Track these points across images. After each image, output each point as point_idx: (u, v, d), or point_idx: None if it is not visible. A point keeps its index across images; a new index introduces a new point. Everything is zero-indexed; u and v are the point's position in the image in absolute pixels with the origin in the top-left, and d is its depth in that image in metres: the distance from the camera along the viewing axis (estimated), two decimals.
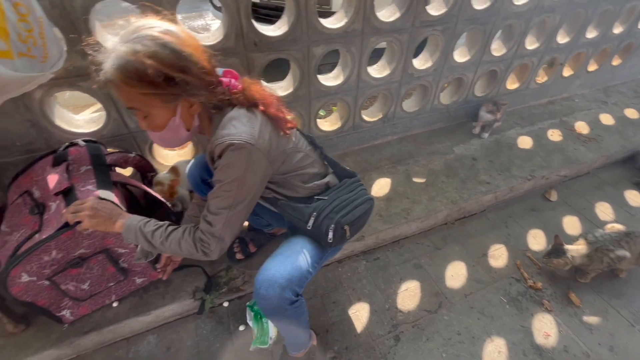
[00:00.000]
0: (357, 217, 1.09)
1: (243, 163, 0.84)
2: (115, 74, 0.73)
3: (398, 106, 1.97)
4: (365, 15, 1.47)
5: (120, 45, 0.73)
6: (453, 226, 1.81)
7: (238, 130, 0.84)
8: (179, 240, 0.91)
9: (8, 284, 0.99)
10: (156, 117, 0.83)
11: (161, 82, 0.75)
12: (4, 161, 1.29)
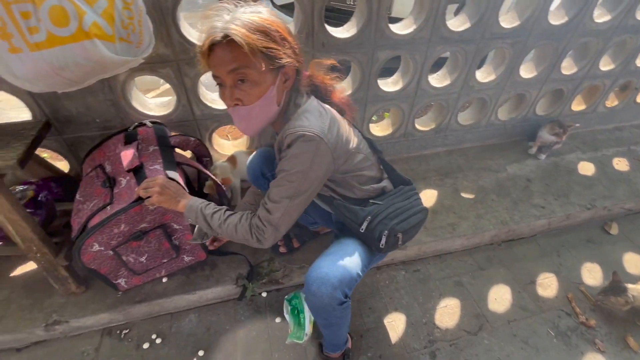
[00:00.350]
0: (411, 226, 1.08)
1: (310, 155, 0.87)
2: (239, 28, 0.77)
3: (453, 118, 1.91)
4: (435, 24, 1.45)
5: (241, 14, 0.80)
6: (499, 247, 1.73)
7: (310, 123, 0.87)
8: (236, 224, 0.95)
9: (81, 252, 1.08)
10: (258, 83, 0.83)
11: (279, 40, 0.81)
12: (83, 135, 1.40)
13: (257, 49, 0.78)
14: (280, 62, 0.83)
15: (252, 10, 0.81)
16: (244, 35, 0.76)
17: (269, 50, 0.80)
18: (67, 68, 0.91)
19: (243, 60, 0.79)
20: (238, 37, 0.76)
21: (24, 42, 0.85)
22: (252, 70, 0.81)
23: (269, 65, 0.82)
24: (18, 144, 1.07)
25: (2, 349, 1.29)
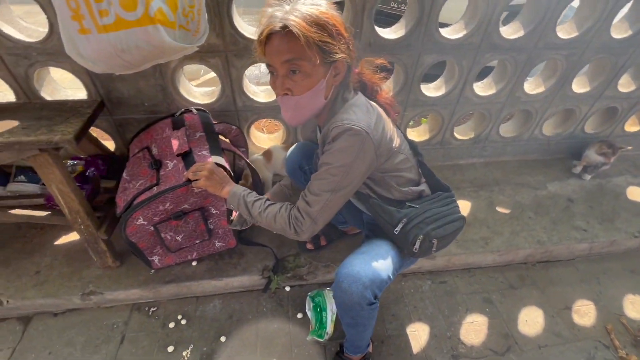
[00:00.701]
0: (447, 234, 1.05)
1: (355, 149, 0.87)
2: (298, 20, 0.78)
3: (494, 129, 1.85)
4: (487, 30, 1.40)
5: (301, 5, 0.81)
6: (533, 268, 1.65)
7: (358, 117, 0.88)
8: (275, 214, 0.96)
9: (127, 223, 1.13)
10: (309, 75, 0.84)
11: (335, 34, 0.82)
12: (131, 117, 1.47)
13: (313, 42, 0.79)
14: (334, 57, 0.84)
15: (313, 2, 0.82)
16: (302, 27, 0.77)
17: (325, 44, 0.81)
18: (129, 51, 0.95)
19: (298, 51, 0.80)
20: (296, 28, 0.77)
21: (93, 24, 0.90)
22: (306, 62, 0.82)
23: (323, 59, 0.83)
24: (75, 120, 1.13)
25: (41, 311, 1.37)
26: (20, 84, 1.28)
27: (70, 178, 1.17)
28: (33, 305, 1.34)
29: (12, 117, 1.13)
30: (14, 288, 1.33)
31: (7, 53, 1.20)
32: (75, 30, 0.91)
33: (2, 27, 1.14)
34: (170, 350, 1.27)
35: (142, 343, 1.29)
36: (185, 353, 1.27)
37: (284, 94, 0.88)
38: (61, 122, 1.12)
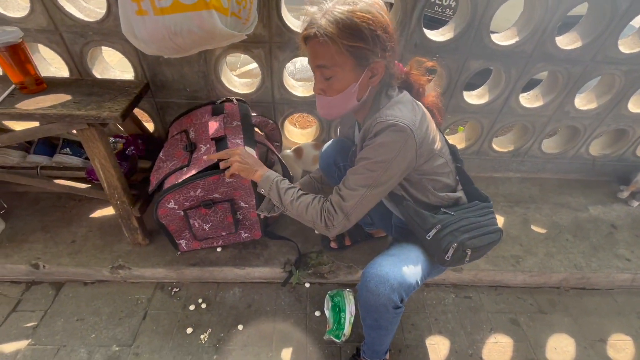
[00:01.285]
0: (482, 245, 1.01)
1: (397, 146, 0.85)
2: (333, 27, 0.78)
3: (536, 143, 1.76)
4: (541, 39, 1.33)
5: (339, 6, 0.80)
6: (567, 293, 1.56)
7: (403, 113, 0.86)
8: (308, 204, 0.95)
9: (159, 205, 1.16)
10: (340, 80, 0.86)
11: (369, 38, 0.80)
12: (172, 101, 1.51)
13: (344, 47, 0.80)
14: (368, 61, 0.84)
15: (351, 2, 0.80)
16: (333, 34, 0.79)
17: (357, 49, 0.81)
18: (180, 34, 0.97)
19: (329, 58, 0.82)
20: (327, 36, 0.78)
21: (151, 6, 0.92)
22: (337, 68, 0.83)
23: (355, 63, 0.83)
24: (123, 99, 1.17)
25: (73, 279, 1.43)
26: (75, 61, 1.35)
27: (112, 154, 1.21)
28: (66, 273, 1.40)
29: (65, 91, 1.18)
30: (51, 254, 1.40)
31: (66, 31, 1.26)
32: (134, 11, 0.94)
33: (65, 6, 1.20)
34: (189, 332, 1.29)
35: (163, 322, 1.32)
36: (203, 336, 1.29)
37: (318, 93, 0.91)
38: (109, 99, 1.16)
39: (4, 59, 1.07)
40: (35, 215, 1.55)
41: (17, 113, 1.07)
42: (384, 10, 0.83)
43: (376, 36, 0.81)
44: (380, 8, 0.82)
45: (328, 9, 0.80)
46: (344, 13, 0.78)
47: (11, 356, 1.20)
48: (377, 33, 0.80)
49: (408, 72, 0.96)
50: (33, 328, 1.28)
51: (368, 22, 0.79)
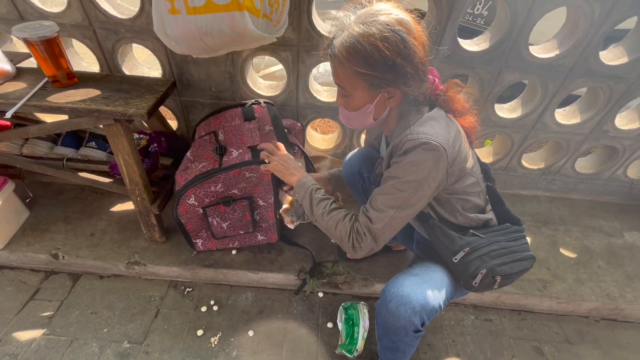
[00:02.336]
0: (513, 272, 0.95)
1: (429, 165, 0.81)
2: (342, 51, 0.77)
3: (569, 162, 1.66)
4: (583, 53, 1.26)
5: (355, 26, 0.76)
6: (597, 324, 1.46)
7: (436, 131, 0.82)
8: (338, 221, 0.90)
9: (180, 201, 1.15)
10: (355, 100, 0.85)
11: (382, 65, 0.76)
12: (197, 100, 1.51)
13: (353, 72, 0.79)
14: (379, 87, 0.81)
15: (371, 20, 0.75)
16: (343, 59, 0.77)
17: (367, 75, 0.78)
18: (211, 35, 0.96)
19: (343, 78, 0.82)
20: (339, 59, 0.78)
21: (184, 5, 0.92)
22: (350, 88, 0.83)
23: (368, 87, 0.81)
24: (150, 96, 1.17)
25: (90, 272, 1.44)
26: (106, 57, 1.37)
27: (135, 151, 1.22)
28: (84, 265, 1.41)
29: (95, 86, 1.20)
30: (70, 245, 1.42)
31: (99, 27, 1.28)
32: (167, 9, 0.94)
33: (100, 3, 1.22)
34: (200, 334, 1.28)
35: (174, 321, 1.31)
36: (213, 339, 1.27)
37: (339, 105, 0.92)
38: (137, 96, 1.16)
39: (39, 53, 1.09)
40: (58, 205, 1.58)
41: (48, 106, 1.09)
42: (411, 32, 0.76)
43: (390, 65, 0.76)
44: (406, 31, 0.75)
45: (347, 25, 0.78)
46: (356, 37, 0.75)
47: (27, 344, 1.21)
48: (391, 61, 0.75)
49: (446, 92, 0.90)
50: (49, 318, 1.29)
51: (380, 50, 0.74)
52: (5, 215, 1.39)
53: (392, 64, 0.76)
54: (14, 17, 1.26)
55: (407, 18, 0.78)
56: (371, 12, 0.78)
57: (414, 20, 0.79)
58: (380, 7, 0.78)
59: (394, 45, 0.74)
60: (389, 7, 0.79)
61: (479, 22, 2.45)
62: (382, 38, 0.74)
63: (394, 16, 0.76)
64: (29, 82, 1.18)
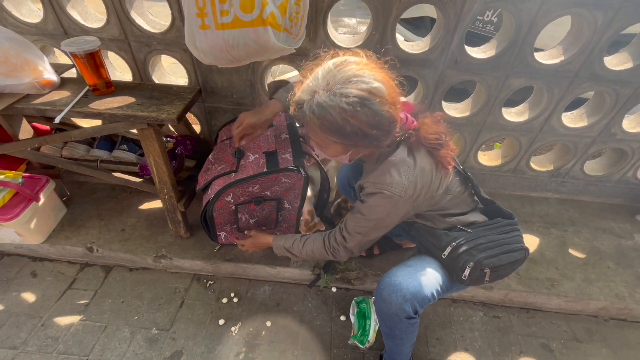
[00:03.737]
0: (503, 264, 1.00)
1: (387, 209, 0.93)
2: (313, 119, 0.78)
3: (578, 164, 1.70)
4: (588, 58, 1.31)
5: (325, 95, 0.75)
6: (606, 324, 1.48)
7: (393, 180, 0.89)
8: (313, 250, 1.11)
9: (220, 197, 1.23)
10: (330, 151, 0.92)
11: (353, 136, 0.78)
12: (219, 106, 1.62)
13: (324, 137, 0.82)
14: (351, 147, 0.86)
15: (341, 92, 0.74)
16: (317, 127, 0.79)
17: (335, 142, 0.82)
18: (237, 47, 1.07)
19: (314, 137, 0.87)
20: (311, 126, 0.81)
21: (213, 22, 1.02)
22: (324, 146, 0.89)
23: (340, 147, 0.86)
24: (179, 103, 1.28)
25: (121, 264, 1.56)
26: (138, 67, 1.50)
27: (165, 152, 1.33)
28: (115, 258, 1.53)
29: (129, 94, 1.32)
30: (104, 239, 1.54)
31: (134, 40, 1.41)
32: (197, 25, 1.05)
33: (135, 19, 1.35)
34: (221, 323, 1.37)
35: (198, 311, 1.41)
36: (233, 329, 1.36)
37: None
38: (167, 103, 1.28)
39: (83, 64, 1.22)
40: (92, 203, 1.71)
41: (90, 112, 1.21)
42: (384, 98, 0.76)
43: (362, 135, 0.77)
44: (379, 100, 0.75)
45: (317, 92, 0.76)
46: (326, 108, 0.74)
47: (66, 328, 1.33)
48: (363, 133, 0.77)
49: (418, 129, 0.92)
50: (85, 305, 1.41)
51: (351, 124, 0.75)
52: (47, 211, 1.53)
53: (363, 134, 0.78)
54: (59, 32, 1.40)
55: (377, 85, 0.76)
56: (341, 79, 0.75)
57: (386, 81, 0.79)
58: (350, 74, 0.76)
59: (366, 118, 0.76)
60: (359, 71, 0.76)
61: (489, 28, 2.50)
62: (353, 114, 0.74)
63: (365, 86, 0.75)
64: (72, 91, 1.30)
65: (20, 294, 1.44)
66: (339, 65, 0.78)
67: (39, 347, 1.27)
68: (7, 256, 1.58)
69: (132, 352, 1.27)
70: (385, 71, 0.83)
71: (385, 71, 0.83)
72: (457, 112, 1.58)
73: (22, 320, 1.35)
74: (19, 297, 1.42)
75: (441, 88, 1.44)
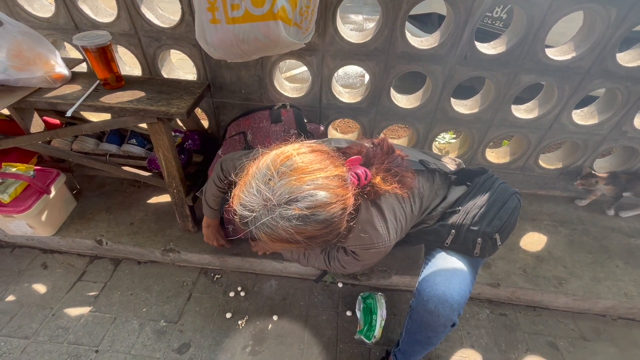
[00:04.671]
0: (505, 220, 1.01)
1: (377, 257, 0.99)
2: (261, 235, 0.73)
3: (587, 162, 1.68)
4: (600, 55, 1.29)
5: (266, 214, 0.69)
6: (614, 323, 1.47)
7: (372, 237, 0.91)
8: (315, 264, 1.15)
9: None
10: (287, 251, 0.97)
11: (306, 241, 0.73)
12: (227, 102, 1.63)
13: (280, 246, 0.77)
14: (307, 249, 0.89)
15: (285, 215, 0.68)
16: (267, 240, 0.73)
17: (293, 247, 0.76)
18: (247, 42, 1.07)
19: (264, 244, 0.89)
20: (260, 239, 0.74)
21: (224, 16, 1.03)
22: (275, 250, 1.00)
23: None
24: (188, 97, 1.29)
25: (129, 257, 1.58)
26: (147, 62, 1.50)
27: (174, 147, 1.34)
28: (124, 251, 1.55)
29: (139, 88, 1.33)
30: (113, 233, 1.56)
31: (144, 35, 1.42)
32: (208, 19, 1.05)
33: (145, 13, 1.35)
34: (228, 316, 1.38)
35: (205, 304, 1.43)
36: (240, 322, 1.37)
37: None
38: (177, 97, 1.28)
39: (94, 58, 1.23)
40: (101, 197, 1.73)
41: (101, 105, 1.22)
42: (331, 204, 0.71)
43: (314, 237, 0.73)
44: (327, 207, 0.70)
45: (259, 208, 0.69)
46: (272, 228, 0.69)
47: (76, 319, 1.35)
48: (314, 236, 0.73)
49: (374, 184, 0.87)
50: (94, 297, 1.43)
51: (301, 235, 0.71)
52: (58, 204, 1.55)
53: (317, 237, 0.74)
54: (70, 27, 1.42)
55: (319, 197, 0.69)
56: (280, 199, 0.68)
57: (328, 182, 0.72)
58: (286, 190, 0.68)
59: (315, 228, 0.71)
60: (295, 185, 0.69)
61: (498, 24, 2.47)
62: (301, 230, 0.70)
63: (307, 203, 0.68)
64: (83, 85, 1.32)
65: (32, 285, 1.46)
66: (273, 178, 0.70)
67: (50, 337, 1.29)
68: (18, 248, 1.60)
69: (141, 343, 1.29)
70: (323, 160, 0.75)
71: (323, 160, 0.75)
72: (466, 108, 1.57)
73: (34, 310, 1.37)
74: (30, 288, 1.45)
75: (450, 84, 1.43)
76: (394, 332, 1.37)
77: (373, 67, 1.42)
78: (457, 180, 1.12)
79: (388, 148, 0.93)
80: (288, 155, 0.73)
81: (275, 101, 1.56)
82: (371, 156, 0.90)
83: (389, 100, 1.52)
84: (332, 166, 0.75)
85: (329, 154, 0.79)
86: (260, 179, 0.71)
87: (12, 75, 1.20)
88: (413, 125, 1.61)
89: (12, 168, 1.44)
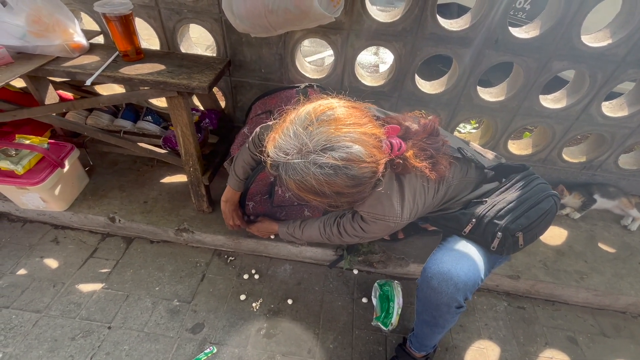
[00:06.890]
0: (533, 221, 0.96)
1: (385, 231, 0.99)
2: (290, 181, 0.73)
3: (612, 157, 1.64)
4: (637, 43, 1.24)
5: (299, 159, 0.69)
6: (634, 320, 1.44)
7: (385, 210, 0.91)
8: (310, 235, 1.18)
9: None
10: (310, 203, 0.95)
11: (334, 196, 0.74)
12: (246, 81, 1.59)
13: (305, 196, 0.76)
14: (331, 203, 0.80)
15: (315, 163, 0.68)
16: (295, 189, 0.74)
17: (318, 200, 0.76)
18: (276, 12, 1.03)
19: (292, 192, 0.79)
20: (288, 186, 0.75)
21: None
22: (300, 200, 0.95)
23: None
24: (209, 72, 1.25)
25: (142, 236, 1.55)
26: (166, 36, 1.46)
27: (192, 123, 1.30)
28: (137, 229, 1.52)
29: (159, 61, 1.29)
30: (125, 210, 1.53)
31: (164, 7, 1.38)
32: None
33: None
34: (242, 298, 1.36)
35: (219, 286, 1.40)
36: (255, 304, 1.35)
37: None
38: (197, 72, 1.25)
39: (115, 28, 1.19)
40: (114, 175, 1.70)
41: (121, 76, 1.18)
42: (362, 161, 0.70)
43: (341, 194, 0.73)
44: (357, 165, 0.70)
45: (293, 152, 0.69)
46: (303, 175, 0.69)
47: (88, 295, 1.33)
48: (341, 192, 0.73)
49: (405, 160, 0.85)
50: (107, 274, 1.40)
51: (330, 188, 0.71)
52: (70, 179, 1.52)
53: (344, 194, 0.74)
54: None
55: (354, 150, 0.69)
56: (315, 145, 0.69)
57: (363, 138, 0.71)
58: (323, 138, 0.68)
59: (344, 183, 0.71)
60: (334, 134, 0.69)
61: (521, 16, 2.42)
62: (330, 182, 0.70)
63: (341, 154, 0.68)
64: (101, 56, 1.28)
65: (43, 259, 1.44)
66: (313, 124, 0.70)
67: (62, 311, 1.27)
68: (29, 223, 1.58)
69: (154, 321, 1.27)
70: (362, 117, 0.75)
71: (362, 117, 0.75)
72: (491, 96, 1.52)
73: (45, 285, 1.35)
74: (41, 263, 1.42)
75: (477, 69, 1.38)
76: (410, 320, 1.35)
77: (399, 49, 1.37)
78: (493, 176, 1.08)
79: (432, 129, 0.90)
80: (330, 106, 0.74)
81: (294, 82, 1.51)
82: (412, 131, 0.87)
83: (413, 85, 1.47)
84: (371, 124, 0.76)
85: (369, 114, 0.78)
86: (299, 124, 0.71)
87: (30, 41, 1.16)
88: (435, 112, 1.56)
89: (26, 140, 1.41)
